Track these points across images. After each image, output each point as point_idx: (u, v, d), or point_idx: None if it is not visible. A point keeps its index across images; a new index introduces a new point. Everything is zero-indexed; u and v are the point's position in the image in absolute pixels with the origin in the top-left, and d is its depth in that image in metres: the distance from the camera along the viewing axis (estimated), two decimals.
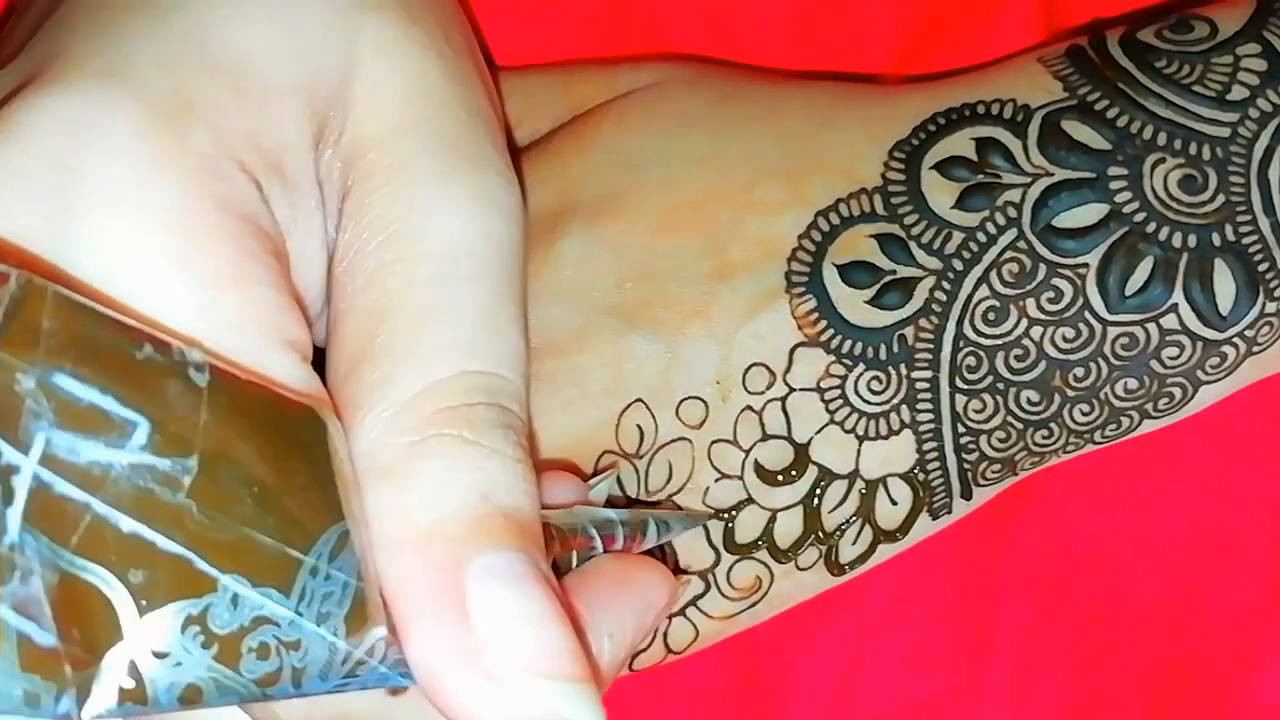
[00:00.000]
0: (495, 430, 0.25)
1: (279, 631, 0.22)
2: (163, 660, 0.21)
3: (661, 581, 0.29)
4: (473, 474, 0.25)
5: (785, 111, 0.32)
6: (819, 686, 0.36)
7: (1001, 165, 0.31)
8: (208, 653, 0.22)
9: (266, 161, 0.26)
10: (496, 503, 0.25)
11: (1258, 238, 0.30)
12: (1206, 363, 0.31)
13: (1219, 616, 0.36)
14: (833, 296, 0.31)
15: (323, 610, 0.23)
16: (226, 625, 0.22)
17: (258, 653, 0.22)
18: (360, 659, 0.23)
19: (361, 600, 0.23)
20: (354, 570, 0.23)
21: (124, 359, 0.21)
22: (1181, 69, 0.31)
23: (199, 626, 0.22)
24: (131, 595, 0.21)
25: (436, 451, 0.25)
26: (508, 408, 0.26)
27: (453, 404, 0.25)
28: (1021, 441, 0.31)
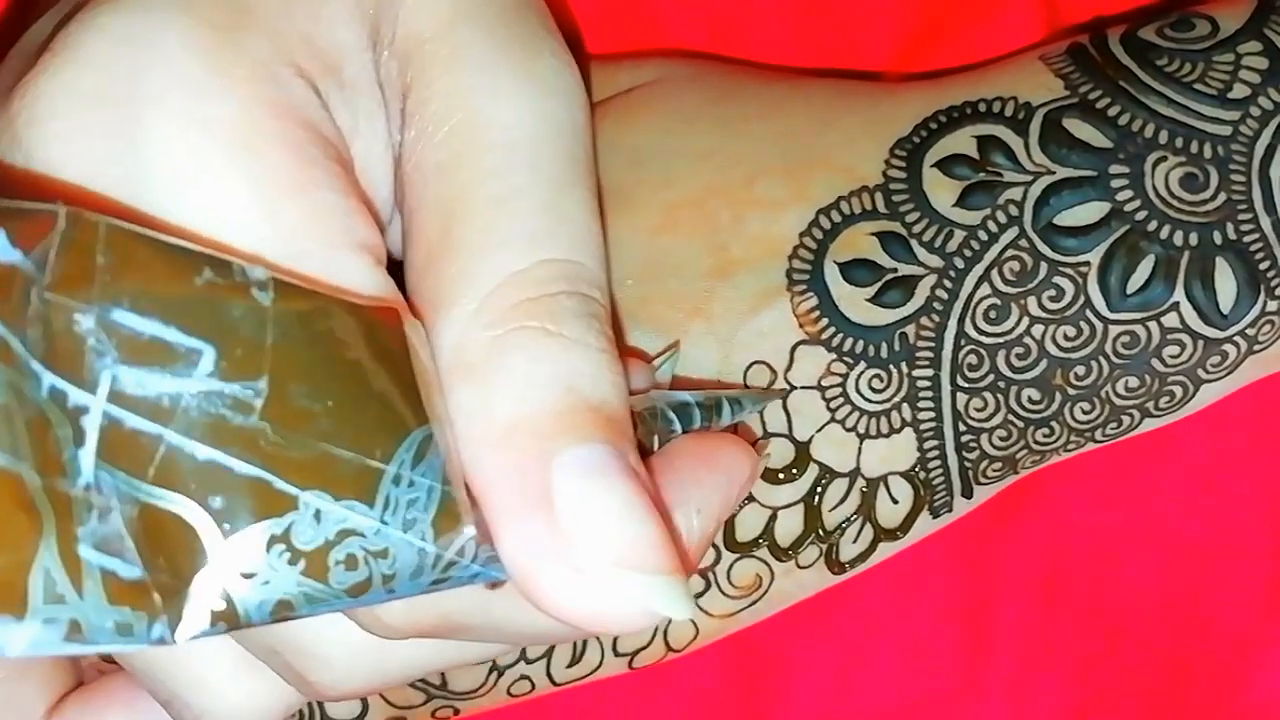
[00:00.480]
0: (578, 320, 0.25)
1: (365, 542, 0.22)
2: (251, 580, 0.21)
3: (744, 454, 0.28)
4: (556, 366, 0.24)
5: (787, 109, 0.32)
6: (819, 685, 0.36)
7: (1003, 163, 0.31)
8: (295, 569, 0.22)
9: (324, 65, 0.26)
10: (582, 395, 0.24)
11: (1259, 236, 0.30)
12: (1207, 361, 0.31)
13: (1219, 615, 0.36)
14: (834, 294, 0.31)
15: (408, 516, 0.23)
16: (311, 541, 0.22)
17: (346, 564, 0.22)
18: (451, 560, 0.23)
19: (449, 503, 0.23)
20: (439, 474, 0.23)
21: (184, 286, 0.21)
22: (1183, 67, 0.31)
23: (284, 545, 0.22)
24: (214, 520, 0.21)
25: (519, 344, 0.24)
26: (588, 295, 0.26)
27: (533, 294, 0.25)
28: (1022, 440, 0.31)
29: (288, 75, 0.25)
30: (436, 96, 0.26)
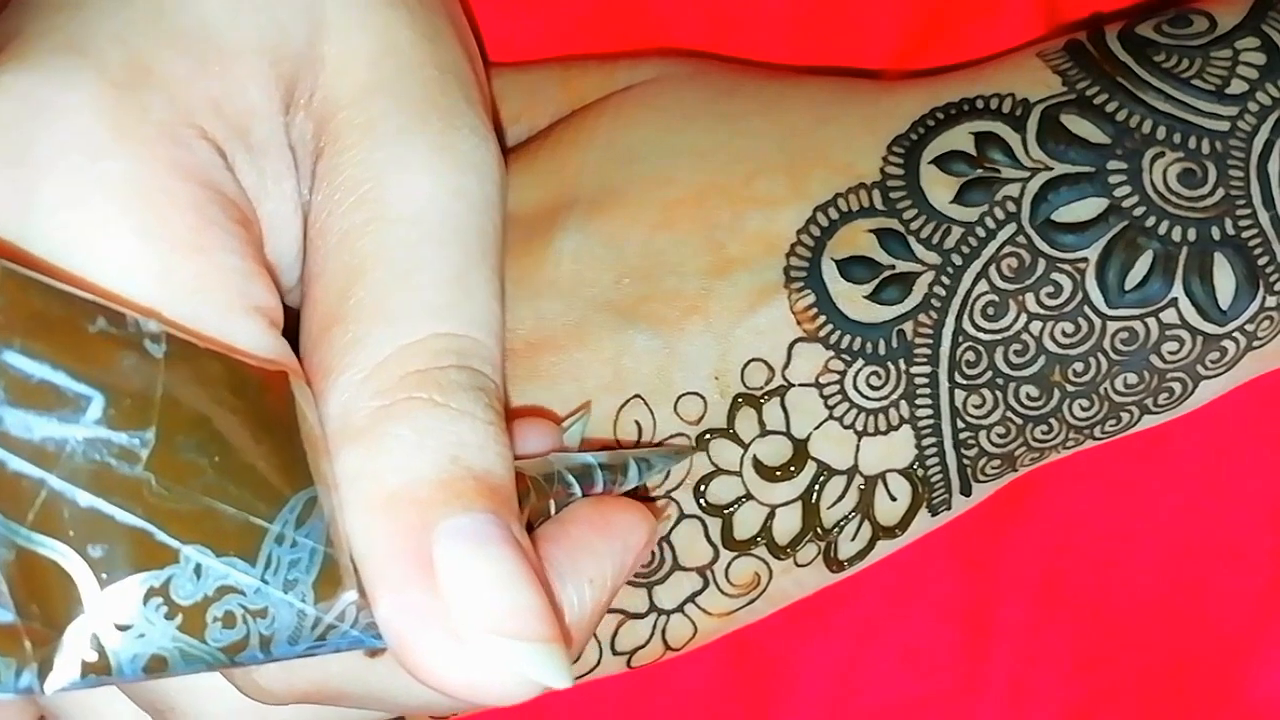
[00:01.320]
0: (466, 392, 0.25)
1: (244, 600, 0.22)
2: (125, 632, 0.21)
3: (640, 521, 0.28)
4: (442, 436, 0.25)
5: (784, 107, 0.32)
6: (818, 683, 0.36)
7: (1000, 160, 0.31)
8: (171, 623, 0.22)
9: (231, 127, 0.26)
10: (466, 465, 0.24)
11: (1257, 231, 0.30)
12: (1206, 357, 0.31)
13: (1218, 614, 0.36)
14: (832, 292, 0.31)
15: (289, 577, 0.23)
16: (190, 595, 0.22)
17: (223, 621, 0.22)
18: (331, 624, 0.23)
19: (331, 565, 0.23)
20: (322, 536, 0.23)
21: (77, 333, 0.21)
22: (1180, 63, 0.31)
23: (161, 598, 0.21)
24: (91, 569, 0.21)
25: (406, 414, 0.25)
26: (479, 370, 0.26)
27: (422, 367, 0.25)
28: (1021, 437, 0.31)
29: (190, 136, 0.25)
30: (348, 164, 0.26)
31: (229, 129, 0.26)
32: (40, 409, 0.21)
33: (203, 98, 0.25)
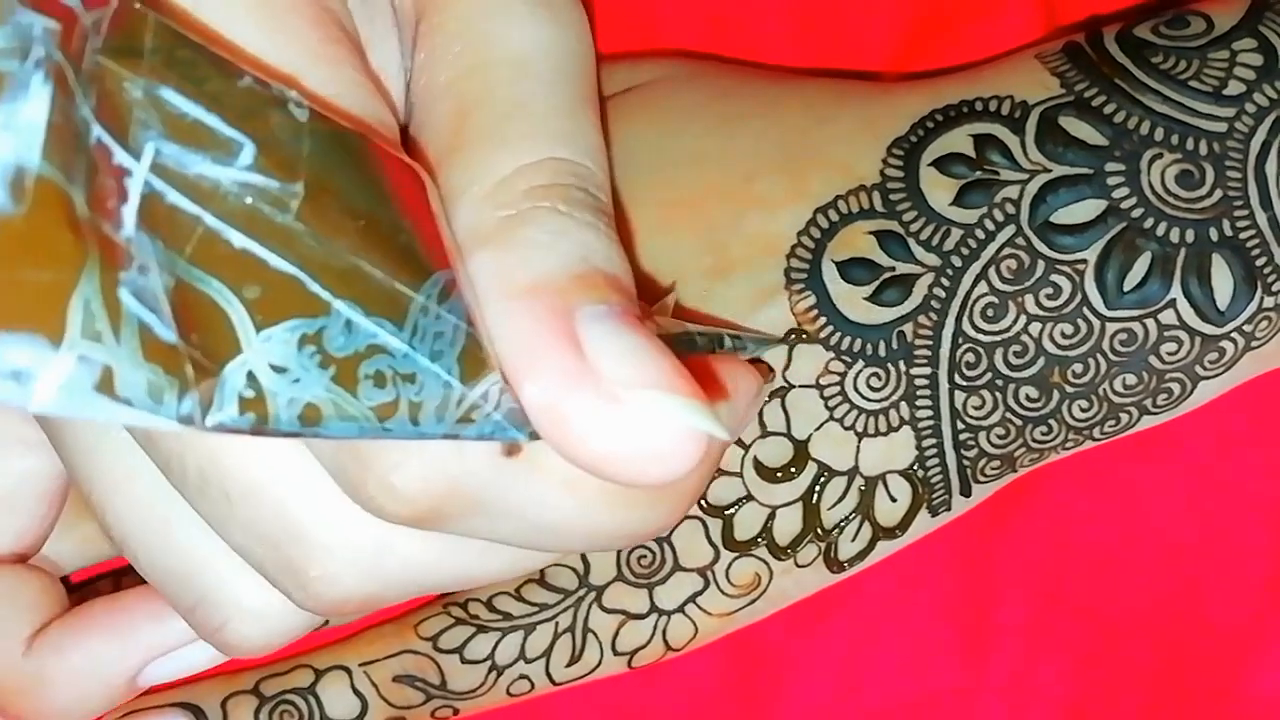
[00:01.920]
0: (586, 208, 0.25)
1: (394, 362, 0.22)
2: (281, 375, 0.21)
3: (749, 373, 0.27)
4: (572, 238, 0.24)
5: (784, 108, 0.32)
6: (818, 684, 0.36)
7: (999, 162, 0.31)
8: (325, 373, 0.21)
9: None
10: (597, 265, 0.24)
11: (1255, 232, 0.30)
12: (1205, 358, 0.31)
13: (1218, 614, 0.36)
14: (832, 293, 0.31)
15: (435, 348, 0.22)
16: (342, 349, 0.21)
17: (374, 380, 0.21)
18: (475, 403, 0.22)
19: (474, 345, 0.23)
20: (464, 316, 0.23)
21: (226, 85, 0.21)
22: (1178, 64, 0.31)
23: (315, 346, 0.21)
24: (247, 310, 0.20)
25: (535, 220, 0.24)
26: (595, 194, 0.25)
27: (545, 183, 0.25)
28: (1020, 438, 0.32)
29: None
30: (450, 20, 0.26)
31: None
32: (195, 147, 0.20)
33: None
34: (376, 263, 0.21)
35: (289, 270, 0.21)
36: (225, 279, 0.20)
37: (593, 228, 0.24)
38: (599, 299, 0.23)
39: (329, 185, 0.21)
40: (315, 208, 0.21)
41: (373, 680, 0.33)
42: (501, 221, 0.24)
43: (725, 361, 0.27)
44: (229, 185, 0.20)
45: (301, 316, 0.21)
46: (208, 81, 0.20)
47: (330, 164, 0.21)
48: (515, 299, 0.23)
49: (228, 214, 0.20)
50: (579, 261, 0.24)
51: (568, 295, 0.23)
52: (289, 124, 0.21)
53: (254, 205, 0.21)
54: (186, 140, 0.20)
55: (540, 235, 0.24)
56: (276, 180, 0.21)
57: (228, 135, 0.20)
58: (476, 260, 0.24)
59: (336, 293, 0.21)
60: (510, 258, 0.24)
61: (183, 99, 0.20)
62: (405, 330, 0.22)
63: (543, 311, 0.23)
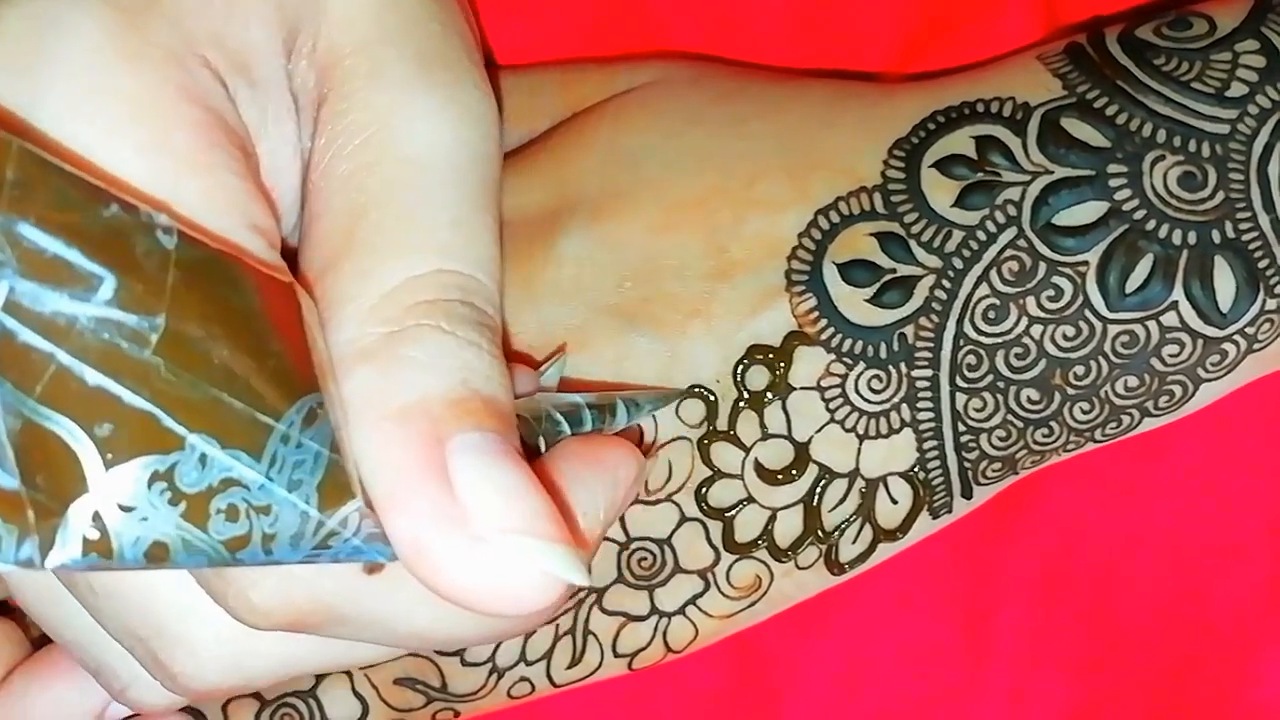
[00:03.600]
0: (471, 325, 0.25)
1: (249, 495, 0.22)
2: (129, 514, 0.21)
3: (629, 457, 0.28)
4: (452, 360, 0.25)
5: (785, 110, 0.32)
6: (819, 686, 0.36)
7: (1001, 163, 0.31)
8: (175, 510, 0.21)
9: (233, 62, 0.26)
10: (474, 388, 0.25)
11: (1257, 234, 0.30)
12: (1207, 360, 0.31)
13: (1219, 616, 0.36)
14: (833, 295, 0.31)
15: (294, 478, 0.22)
16: (194, 484, 0.21)
17: (227, 514, 0.22)
18: (333, 529, 0.23)
19: (337, 471, 0.23)
20: (328, 441, 0.23)
21: (90, 216, 0.21)
22: (1180, 66, 0.31)
23: (166, 483, 0.21)
24: (97, 448, 0.21)
25: (417, 339, 0.25)
26: (482, 309, 0.26)
27: (430, 298, 0.25)
28: (1022, 440, 0.31)
29: (194, 63, 0.25)
30: (354, 109, 0.26)
31: (231, 63, 0.26)
32: (52, 283, 0.20)
33: (206, 29, 0.26)
34: (238, 392, 0.22)
35: (143, 406, 0.21)
36: (76, 416, 0.20)
37: (474, 346, 0.25)
38: (473, 425, 0.24)
39: (193, 314, 0.21)
40: (176, 340, 0.21)
41: (373, 683, 0.33)
42: (383, 338, 0.25)
43: (607, 446, 0.28)
44: (86, 321, 0.21)
45: (154, 452, 0.21)
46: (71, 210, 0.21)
47: (196, 292, 0.22)
48: (389, 423, 0.24)
49: (82, 351, 0.21)
50: (458, 384, 0.24)
51: (443, 423, 0.24)
52: (155, 253, 0.21)
53: (111, 341, 0.21)
54: (44, 276, 0.20)
55: (420, 354, 0.25)
56: (136, 314, 0.21)
57: (88, 269, 0.21)
58: (355, 377, 0.24)
59: (192, 427, 0.21)
60: (388, 378, 0.24)
61: (41, 234, 0.20)
62: (263, 461, 0.22)
63: (416, 439, 0.24)
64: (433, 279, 0.26)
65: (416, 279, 0.25)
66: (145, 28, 0.25)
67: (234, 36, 0.26)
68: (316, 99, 0.27)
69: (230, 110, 0.26)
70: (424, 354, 0.25)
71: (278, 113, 0.27)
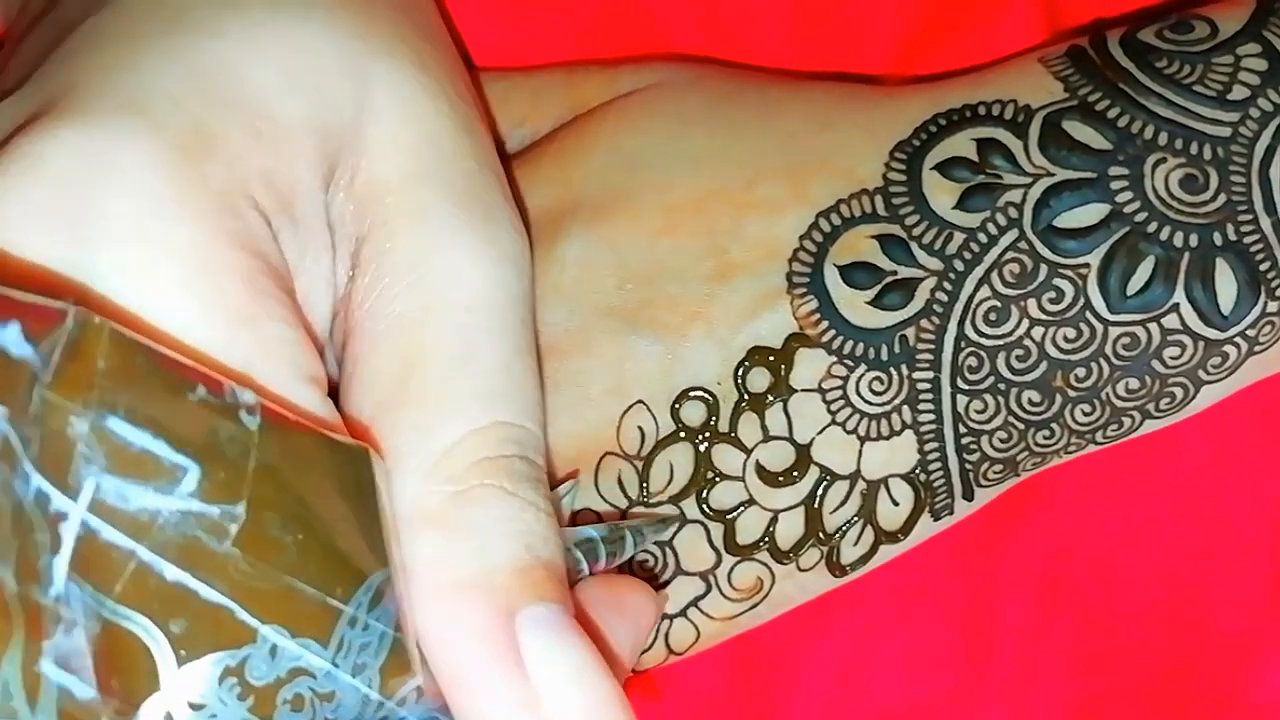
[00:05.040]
0: (529, 483, 0.26)
1: (315, 683, 0.22)
2: (198, 712, 0.21)
3: (649, 602, 0.29)
4: (516, 525, 0.25)
5: (786, 112, 0.32)
6: (820, 687, 0.36)
7: (1002, 166, 0.31)
8: (243, 704, 0.22)
9: (278, 200, 0.26)
10: (537, 554, 0.25)
11: (1259, 237, 0.30)
12: (1208, 362, 0.31)
13: (1219, 617, 0.36)
14: (834, 297, 0.31)
15: (359, 661, 0.23)
16: (264, 677, 0.22)
17: (293, 704, 0.22)
18: (390, 710, 0.23)
19: (399, 650, 0.23)
20: (392, 620, 0.23)
21: (178, 400, 0.21)
22: (1182, 69, 0.31)
23: (236, 678, 0.21)
24: (171, 645, 0.21)
25: (481, 501, 0.25)
26: (535, 461, 0.27)
27: (491, 455, 0.26)
28: (1023, 442, 0.31)
29: (244, 206, 0.25)
30: (400, 248, 0.27)
31: (277, 202, 0.26)
32: (137, 478, 0.21)
33: (256, 169, 0.25)
34: (310, 577, 0.22)
35: (219, 600, 0.21)
36: (153, 614, 0.21)
37: (534, 508, 0.26)
38: (539, 597, 0.25)
39: (272, 500, 0.22)
40: (254, 529, 0.22)
41: None
42: (448, 499, 0.25)
43: (631, 590, 0.29)
44: (168, 515, 0.21)
45: (227, 647, 0.21)
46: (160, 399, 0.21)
47: (276, 476, 0.22)
48: (459, 595, 0.24)
49: (162, 546, 0.21)
50: (522, 550, 0.25)
51: (511, 595, 0.25)
52: (238, 438, 0.22)
53: (191, 534, 0.21)
54: (129, 472, 0.21)
55: (485, 519, 0.25)
56: (218, 505, 0.21)
57: (173, 461, 0.21)
58: (421, 542, 0.25)
59: (265, 619, 0.22)
60: (455, 544, 0.25)
61: (129, 427, 0.21)
62: (330, 648, 0.22)
63: (486, 615, 0.24)
64: (491, 433, 0.26)
65: (475, 433, 0.26)
66: (200, 172, 0.25)
67: (281, 174, 0.26)
68: (355, 233, 0.27)
69: (275, 251, 0.26)
70: (489, 518, 0.25)
71: (315, 247, 0.27)
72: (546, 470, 0.27)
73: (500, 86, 0.34)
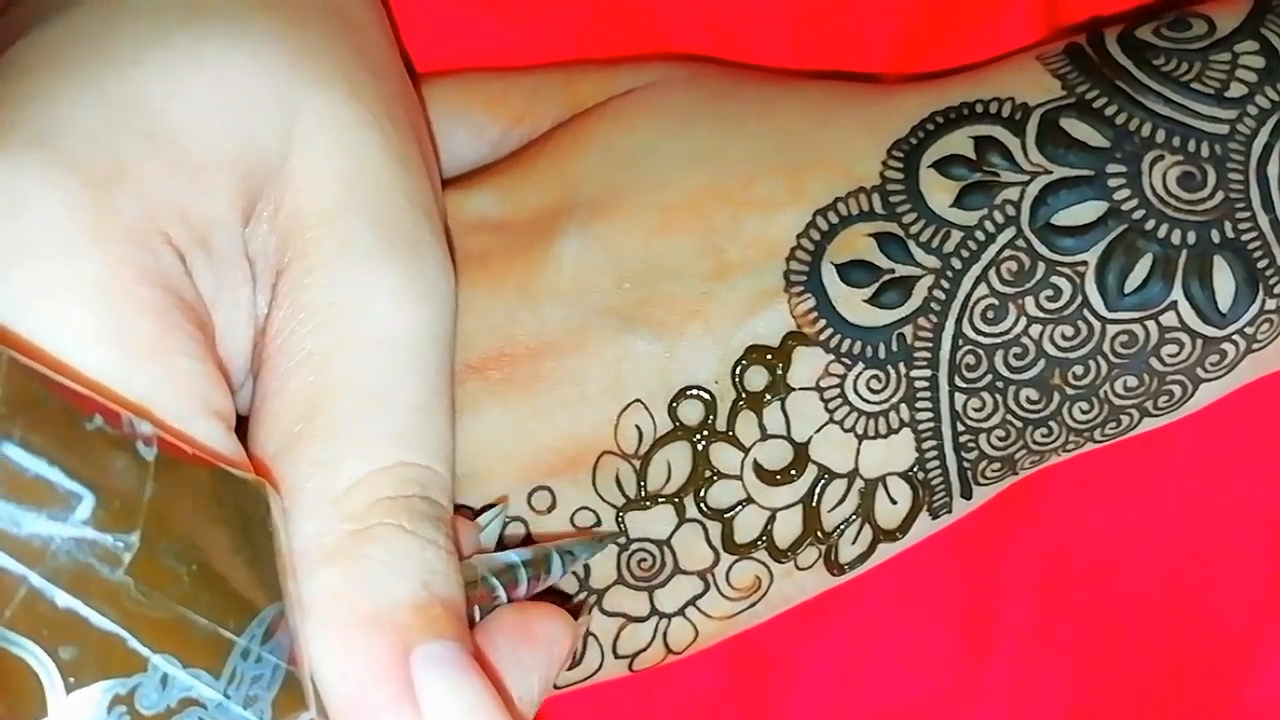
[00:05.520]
0: (430, 522, 0.26)
1: (206, 714, 0.22)
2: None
3: (563, 631, 0.29)
4: (414, 562, 0.25)
5: (784, 110, 0.32)
6: (819, 687, 0.36)
7: (1000, 164, 0.31)
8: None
9: (193, 234, 0.26)
10: (435, 591, 0.26)
11: (1257, 234, 0.30)
12: (1206, 360, 0.31)
13: (1218, 616, 0.36)
14: (831, 295, 0.31)
15: (251, 693, 0.23)
16: (153, 706, 0.22)
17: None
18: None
19: (292, 684, 0.23)
20: (286, 653, 0.23)
21: (74, 428, 0.21)
22: (1180, 66, 0.31)
23: (125, 706, 0.21)
24: (60, 671, 0.21)
25: (380, 539, 0.25)
26: (438, 501, 0.27)
27: (392, 494, 0.26)
28: (1021, 440, 0.31)
29: (156, 241, 0.25)
30: (317, 284, 0.26)
31: (191, 236, 0.26)
32: (31, 504, 0.21)
33: (170, 203, 0.25)
34: (204, 607, 0.22)
35: (110, 628, 0.21)
36: (42, 640, 0.21)
37: (433, 546, 0.26)
38: (435, 634, 0.25)
39: (166, 530, 0.22)
40: (148, 558, 0.22)
41: None
42: (346, 536, 0.25)
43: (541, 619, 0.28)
44: (61, 542, 0.21)
45: (116, 675, 0.21)
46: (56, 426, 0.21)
47: (171, 506, 0.22)
48: (354, 631, 0.24)
49: (55, 573, 0.21)
50: (420, 588, 0.25)
51: (408, 631, 0.25)
52: (134, 469, 0.22)
53: (84, 562, 0.21)
54: (23, 498, 0.20)
55: (384, 556, 0.25)
56: (111, 534, 0.21)
57: (67, 489, 0.21)
58: (317, 578, 0.25)
59: (156, 647, 0.22)
60: (352, 581, 0.25)
61: (25, 454, 0.20)
62: (222, 679, 0.22)
63: (381, 650, 0.24)
64: (394, 473, 0.26)
65: (378, 473, 0.26)
66: (111, 206, 0.25)
67: (197, 208, 0.26)
68: (276, 265, 0.27)
69: (188, 286, 0.26)
70: (387, 556, 0.25)
71: (233, 279, 0.27)
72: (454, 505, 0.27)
73: (498, 85, 0.34)
